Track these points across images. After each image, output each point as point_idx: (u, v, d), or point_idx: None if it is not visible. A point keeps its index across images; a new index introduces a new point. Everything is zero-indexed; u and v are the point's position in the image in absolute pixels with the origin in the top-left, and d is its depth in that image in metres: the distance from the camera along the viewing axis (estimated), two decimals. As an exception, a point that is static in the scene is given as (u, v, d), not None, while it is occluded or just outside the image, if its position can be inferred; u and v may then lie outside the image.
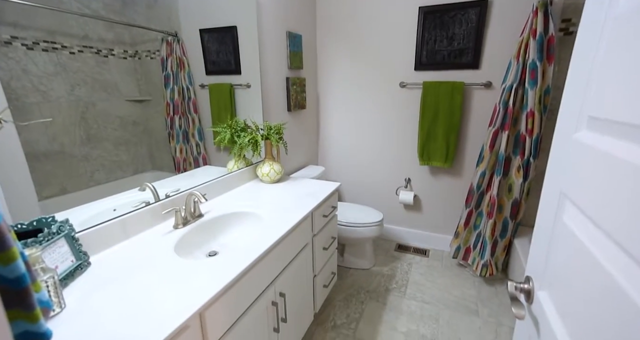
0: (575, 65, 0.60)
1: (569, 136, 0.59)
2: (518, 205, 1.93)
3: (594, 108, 0.52)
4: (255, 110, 1.77)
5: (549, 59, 1.66)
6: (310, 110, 2.44)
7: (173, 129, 1.40)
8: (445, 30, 1.97)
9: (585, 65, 0.55)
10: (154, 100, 1.30)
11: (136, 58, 1.20)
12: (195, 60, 1.47)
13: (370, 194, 2.60)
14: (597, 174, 0.49)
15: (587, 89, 0.54)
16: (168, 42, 1.35)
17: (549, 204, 0.65)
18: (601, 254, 0.47)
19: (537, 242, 0.71)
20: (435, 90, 2.06)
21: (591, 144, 0.51)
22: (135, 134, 1.21)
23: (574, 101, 0.58)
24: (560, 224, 0.60)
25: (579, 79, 0.57)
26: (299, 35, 2.06)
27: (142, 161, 1.24)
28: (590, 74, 0.54)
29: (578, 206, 0.54)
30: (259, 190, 1.59)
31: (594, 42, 0.53)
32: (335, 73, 2.41)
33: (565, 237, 0.58)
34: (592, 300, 0.48)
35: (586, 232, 0.51)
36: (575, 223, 0.54)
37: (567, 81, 0.63)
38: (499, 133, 1.88)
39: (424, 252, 2.46)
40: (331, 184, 1.69)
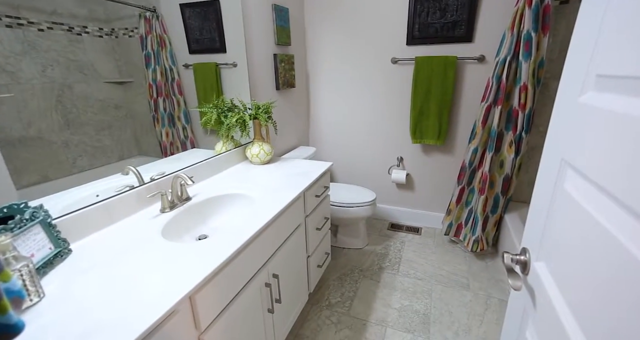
0: (582, 23, 0.56)
1: (573, 101, 0.56)
2: (509, 180, 1.94)
3: (604, 65, 0.48)
4: (242, 90, 1.69)
5: (544, 30, 1.61)
6: (300, 89, 2.36)
7: (157, 112, 1.33)
8: (438, 1, 1.89)
9: (594, 22, 0.51)
10: (136, 82, 1.23)
11: (113, 36, 1.12)
12: (177, 39, 1.38)
13: (363, 174, 2.58)
14: (607, 136, 0.46)
15: (596, 47, 0.50)
16: (146, 18, 1.26)
17: (548, 173, 0.63)
18: (607, 219, 0.45)
19: (534, 213, 0.70)
20: (428, 65, 2.00)
21: (600, 105, 0.48)
22: (118, 117, 1.15)
23: (579, 63, 0.55)
24: (560, 193, 0.58)
25: (586, 39, 0.53)
26: (286, 8, 1.94)
27: (127, 146, 1.18)
28: (599, 31, 0.50)
29: (582, 172, 0.51)
30: (249, 172, 1.54)
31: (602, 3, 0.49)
32: (325, 49, 2.31)
33: (566, 205, 0.55)
34: (595, 266, 0.46)
35: (591, 199, 0.49)
36: (579, 190, 0.52)
37: (571, 44, 0.59)
38: (491, 108, 1.85)
39: (417, 230, 2.48)
40: (323, 164, 1.65)
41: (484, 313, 1.66)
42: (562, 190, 0.57)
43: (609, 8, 0.48)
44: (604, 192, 0.46)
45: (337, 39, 2.25)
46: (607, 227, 0.44)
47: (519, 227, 1.91)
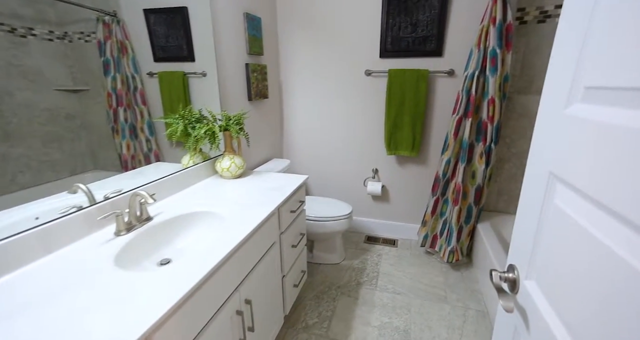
0: (563, 37, 0.55)
1: (558, 113, 0.54)
2: (481, 191, 1.98)
3: (593, 77, 0.47)
4: (212, 100, 1.60)
5: (508, 47, 1.69)
6: (273, 100, 2.30)
7: (117, 122, 1.21)
8: (410, 16, 1.94)
9: (577, 35, 0.50)
10: (93, 91, 1.11)
11: (66, 40, 1.01)
12: (140, 45, 1.28)
13: (338, 187, 2.54)
14: (600, 149, 0.44)
15: (582, 59, 0.49)
16: (105, 22, 1.15)
17: (535, 187, 0.61)
18: (605, 234, 0.42)
19: (520, 228, 0.67)
20: (401, 78, 2.03)
21: (589, 117, 0.47)
22: (71, 129, 1.03)
23: (562, 76, 0.54)
24: (550, 208, 0.56)
25: (568, 53, 0.52)
26: (258, 18, 1.90)
27: (81, 160, 1.06)
28: (584, 40, 0.49)
29: (574, 187, 0.49)
30: (219, 187, 1.44)
31: (589, 5, 0.48)
32: (298, 60, 2.29)
33: (558, 221, 0.53)
34: (593, 283, 0.43)
35: (585, 214, 0.46)
36: (571, 205, 0.50)
37: (552, 58, 0.59)
38: (462, 120, 1.89)
39: (393, 243, 2.46)
40: (298, 177, 1.59)
41: (462, 326, 1.64)
42: (553, 206, 0.55)
43: (593, 24, 0.47)
44: (599, 206, 0.44)
45: (310, 50, 2.23)
46: (604, 242, 0.42)
47: (491, 236, 1.94)
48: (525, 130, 1.99)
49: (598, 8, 0.46)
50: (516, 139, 2.03)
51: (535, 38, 1.81)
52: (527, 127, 1.98)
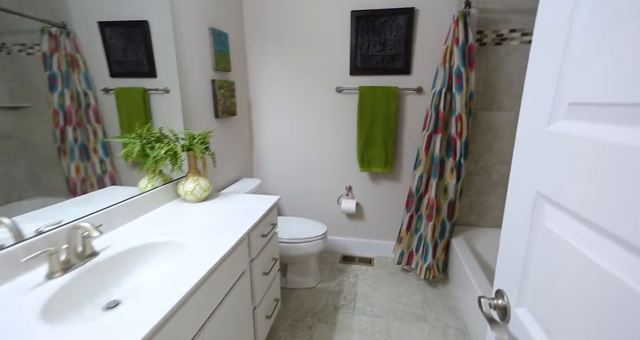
0: (539, 52, 0.54)
1: (541, 130, 0.52)
2: (453, 205, 2.00)
3: (576, 93, 0.45)
4: (175, 118, 1.49)
5: (471, 66, 1.76)
6: (242, 117, 2.22)
7: (65, 143, 1.07)
8: (378, 35, 1.98)
9: (555, 50, 0.49)
10: (36, 108, 0.98)
11: (3, 52, 0.88)
12: (95, 60, 1.17)
13: (312, 206, 2.46)
14: (589, 167, 0.41)
15: (563, 74, 0.47)
16: (52, 34, 1.03)
17: (520, 208, 0.58)
18: (602, 257, 0.39)
19: (507, 251, 0.63)
20: (372, 95, 2.04)
21: (575, 134, 0.44)
22: (7, 150, 0.88)
23: (543, 93, 0.52)
24: (540, 230, 0.52)
25: (548, 66, 0.51)
26: (225, 33, 1.84)
27: (18, 185, 0.91)
28: (563, 57, 0.47)
29: (564, 207, 0.46)
30: (182, 212, 1.31)
31: (564, 20, 0.47)
32: (267, 77, 2.24)
33: (549, 244, 0.49)
34: (592, 309, 0.40)
35: (579, 236, 0.43)
36: (563, 227, 0.46)
37: (529, 73, 0.58)
38: (432, 136, 1.92)
39: (369, 261, 2.40)
40: (269, 198, 1.49)
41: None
42: (543, 228, 0.51)
43: (572, 38, 0.46)
44: (593, 228, 0.40)
45: (280, 66, 2.20)
46: (601, 265, 0.39)
47: (465, 250, 1.94)
48: (490, 145, 2.06)
49: (576, 22, 0.45)
50: (483, 154, 2.09)
51: (494, 59, 1.91)
52: (492, 141, 2.05)
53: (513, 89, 1.94)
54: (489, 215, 2.21)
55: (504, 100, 1.97)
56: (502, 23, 1.86)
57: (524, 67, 1.89)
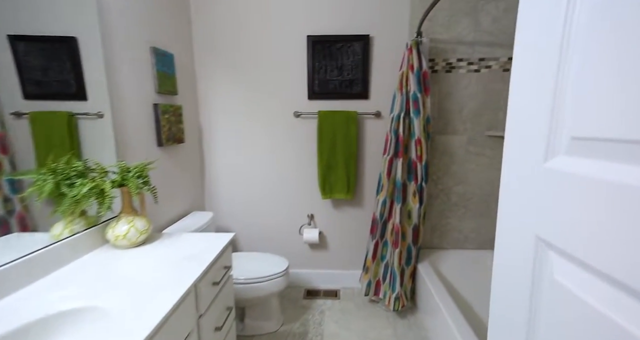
0: (523, 78, 0.49)
1: (535, 166, 0.45)
2: (418, 230, 1.96)
3: (579, 126, 0.39)
4: (107, 148, 1.27)
5: (426, 91, 1.80)
6: (191, 145, 2.01)
7: None
8: (335, 60, 1.96)
9: (545, 74, 0.43)
10: None
11: None
12: (2, 79, 0.94)
13: (271, 238, 2.27)
14: (602, 210, 0.34)
15: (559, 104, 0.41)
16: None
17: (516, 257, 0.49)
18: (628, 319, 0.30)
19: (503, 311, 0.54)
20: (331, 119, 1.99)
21: (582, 172, 0.37)
22: None
23: (534, 123, 0.46)
24: (547, 285, 0.44)
25: (538, 94, 0.45)
26: (170, 54, 1.68)
27: None
28: (557, 83, 0.42)
29: (575, 257, 0.38)
30: (110, 263, 1.06)
31: (555, 47, 0.42)
32: (220, 101, 2.09)
33: (564, 305, 0.41)
34: None
35: (598, 293, 0.35)
36: (580, 283, 0.38)
37: (512, 102, 0.52)
38: (393, 160, 1.90)
39: (335, 294, 2.25)
40: (222, 237, 1.31)
41: (422, 389, 1.46)
42: (552, 282, 0.43)
43: (570, 69, 0.40)
44: (614, 283, 0.33)
45: (234, 90, 2.07)
46: (628, 328, 0.30)
47: (432, 275, 1.89)
48: (448, 167, 2.10)
49: (572, 37, 0.39)
50: (441, 176, 2.12)
51: (446, 85, 1.99)
52: (449, 163, 2.09)
53: (463, 114, 2.02)
54: (450, 237, 2.21)
55: (457, 124, 2.04)
56: (450, 52, 1.96)
57: (472, 93, 2.00)
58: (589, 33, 0.37)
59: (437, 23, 1.92)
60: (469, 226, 2.18)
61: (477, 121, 2.03)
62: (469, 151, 2.08)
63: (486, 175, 2.10)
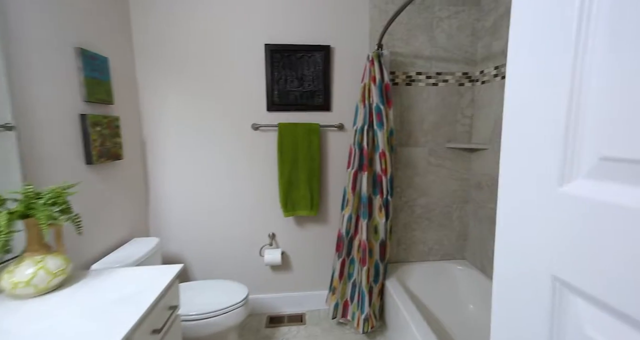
0: (527, 88, 0.42)
1: (548, 191, 0.37)
2: (385, 245, 1.89)
3: (607, 143, 0.31)
4: (11, 168, 1.01)
5: (389, 104, 1.77)
6: (131, 162, 1.76)
7: None
8: (295, 70, 1.87)
9: (558, 84, 0.36)
10: None
11: None
12: None
13: (228, 262, 2.06)
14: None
15: (578, 118, 0.34)
16: None
17: (526, 304, 0.41)
18: None
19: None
20: (292, 132, 1.87)
21: (612, 200, 0.30)
22: None
23: (544, 140, 0.38)
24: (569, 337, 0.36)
25: (546, 100, 0.38)
26: (104, 57, 1.45)
27: None
28: (574, 94, 0.34)
29: (610, 306, 0.30)
30: (2, 321, 0.81)
31: (569, 41, 0.34)
32: (168, 113, 1.87)
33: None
34: None
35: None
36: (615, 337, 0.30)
37: (511, 116, 0.44)
38: (358, 174, 1.83)
39: (300, 319, 2.08)
40: (168, 270, 1.10)
41: None
42: (577, 334, 0.35)
43: (591, 54, 0.33)
44: None
45: (184, 101, 1.87)
46: None
47: (400, 291, 1.82)
48: (411, 179, 2.08)
49: (590, 35, 0.32)
50: (405, 188, 2.10)
51: (407, 98, 2.00)
52: (412, 175, 2.08)
53: (424, 126, 2.04)
54: (415, 250, 2.19)
55: (419, 136, 2.04)
56: (409, 66, 1.97)
57: (431, 106, 2.02)
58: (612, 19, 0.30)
59: (396, 37, 1.93)
60: (432, 238, 2.17)
61: (437, 133, 2.05)
62: (430, 163, 2.08)
63: (446, 187, 2.12)
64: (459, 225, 2.17)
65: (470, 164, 2.09)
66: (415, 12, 1.92)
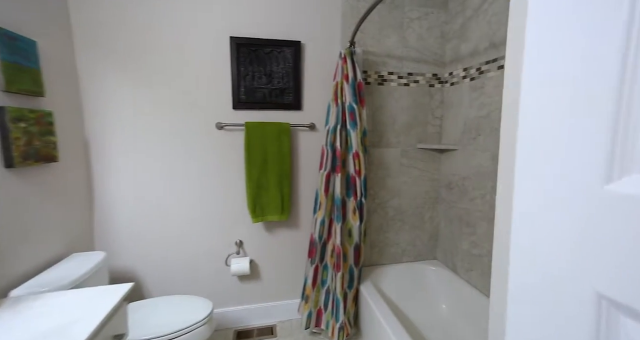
0: (559, 62, 0.35)
1: (586, 188, 0.30)
2: (359, 249, 1.83)
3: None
4: None
5: (362, 103, 1.71)
6: (71, 164, 1.52)
7: None
8: (263, 66, 1.74)
9: (607, 54, 0.29)
10: None
11: None
12: None
13: (190, 275, 1.86)
14: None
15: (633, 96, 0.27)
16: None
17: (562, 325, 0.34)
18: None
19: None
20: (261, 132, 1.74)
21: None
22: None
23: (581, 125, 0.31)
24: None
25: (589, 84, 0.31)
26: (30, 40, 1.22)
27: None
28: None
29: None
30: None
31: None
32: (118, 109, 1.65)
33: None
34: None
35: None
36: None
37: (531, 99, 0.38)
38: (331, 176, 1.75)
39: (271, 331, 1.95)
40: (113, 291, 0.93)
41: None
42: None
43: None
44: None
45: (137, 96, 1.66)
46: None
47: (375, 295, 1.77)
48: (384, 180, 2.04)
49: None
50: (378, 190, 2.05)
51: (379, 98, 1.96)
52: (385, 177, 2.04)
53: (396, 127, 2.01)
54: (389, 252, 2.15)
55: (391, 137, 2.01)
56: (381, 65, 1.93)
57: (403, 106, 2.00)
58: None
59: (368, 35, 1.88)
60: (405, 239, 2.15)
61: (409, 134, 2.04)
62: (402, 164, 2.06)
63: (418, 188, 2.11)
64: (430, 226, 2.17)
65: (440, 164, 2.10)
66: (386, 10, 1.89)
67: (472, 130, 1.77)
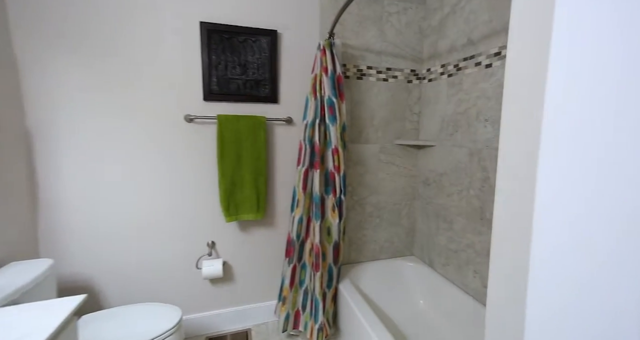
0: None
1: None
2: (338, 248, 1.78)
3: None
4: None
5: (341, 97, 1.66)
6: (6, 159, 1.32)
7: None
8: (237, 55, 1.63)
9: None
10: None
11: None
12: None
13: (156, 280, 1.72)
14: None
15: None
16: None
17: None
18: None
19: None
20: (234, 125, 1.63)
21: None
22: None
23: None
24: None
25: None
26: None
27: None
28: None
29: None
30: None
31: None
32: (69, 99, 1.46)
33: None
34: None
35: None
36: None
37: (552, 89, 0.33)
38: (309, 172, 1.68)
39: (245, 336, 1.85)
40: (59, 306, 0.80)
41: None
42: None
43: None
44: None
45: (91, 85, 1.48)
46: None
47: (354, 294, 1.73)
48: (362, 177, 2.01)
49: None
50: (356, 187, 2.01)
51: (357, 92, 1.91)
52: (363, 173, 2.01)
53: (375, 122, 1.98)
54: (367, 249, 2.12)
55: (369, 132, 1.98)
56: (360, 59, 1.89)
57: (382, 101, 1.97)
58: None
59: (347, 28, 1.83)
60: (383, 236, 2.14)
61: (387, 130, 2.02)
62: (380, 160, 2.04)
63: (396, 184, 2.10)
64: (407, 222, 2.17)
65: (418, 160, 2.11)
66: (365, 3, 1.85)
67: (449, 126, 1.78)
